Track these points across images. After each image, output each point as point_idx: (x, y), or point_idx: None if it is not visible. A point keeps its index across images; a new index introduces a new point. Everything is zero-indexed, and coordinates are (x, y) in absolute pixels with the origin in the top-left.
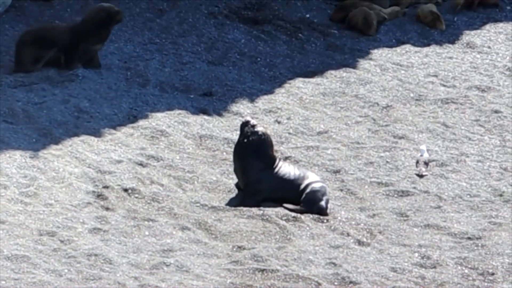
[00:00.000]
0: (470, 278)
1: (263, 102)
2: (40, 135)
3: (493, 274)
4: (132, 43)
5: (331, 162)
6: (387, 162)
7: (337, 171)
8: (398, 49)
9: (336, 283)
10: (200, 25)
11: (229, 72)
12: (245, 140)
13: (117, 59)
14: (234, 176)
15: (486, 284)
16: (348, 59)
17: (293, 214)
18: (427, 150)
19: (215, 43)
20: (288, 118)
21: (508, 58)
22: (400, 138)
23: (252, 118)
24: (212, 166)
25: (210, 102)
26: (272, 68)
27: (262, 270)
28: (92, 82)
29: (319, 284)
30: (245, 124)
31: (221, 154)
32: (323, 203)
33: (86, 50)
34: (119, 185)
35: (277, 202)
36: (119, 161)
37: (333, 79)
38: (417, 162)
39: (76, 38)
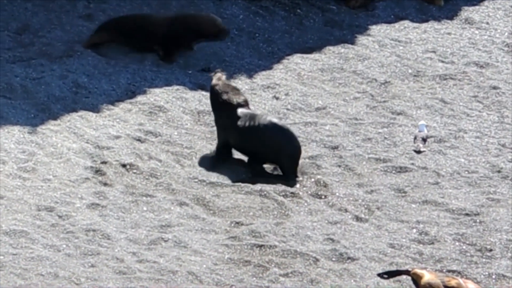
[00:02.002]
0: (468, 254)
1: (261, 78)
2: (38, 111)
3: (491, 250)
4: None
5: (329, 138)
6: (385, 138)
7: (335, 147)
8: (397, 25)
9: (334, 259)
10: (198, 0)
11: (227, 48)
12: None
13: None
14: (234, 152)
15: (484, 260)
16: (346, 35)
17: (291, 190)
18: (426, 126)
19: None
20: (286, 94)
21: (506, 34)
22: (398, 114)
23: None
24: (210, 142)
25: (208, 77)
26: (270, 44)
27: (260, 246)
28: (90, 57)
29: (317, 260)
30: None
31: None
32: None
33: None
34: (117, 160)
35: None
36: (117, 137)
37: (331, 55)
38: (415, 138)
39: (175, 32)
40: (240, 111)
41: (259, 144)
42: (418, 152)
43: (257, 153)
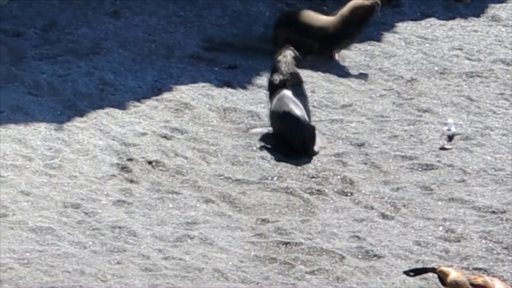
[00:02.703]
0: (495, 252)
1: None
2: (64, 108)
3: None
4: (157, 16)
5: (355, 135)
6: (411, 135)
7: (361, 145)
8: (423, 22)
9: (360, 256)
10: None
11: (251, 45)
12: None
13: (141, 31)
14: (258, 149)
15: (510, 258)
16: (372, 32)
17: (317, 187)
18: (454, 124)
19: (239, 16)
20: (313, 91)
21: None
22: (425, 111)
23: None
24: (236, 139)
25: (234, 75)
26: None
27: (286, 243)
28: (116, 54)
29: (343, 257)
30: None
31: (245, 127)
32: None
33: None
34: (143, 157)
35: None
36: (143, 134)
37: (357, 52)
38: (442, 135)
39: (338, 34)
40: (283, 91)
41: (276, 127)
42: (445, 149)
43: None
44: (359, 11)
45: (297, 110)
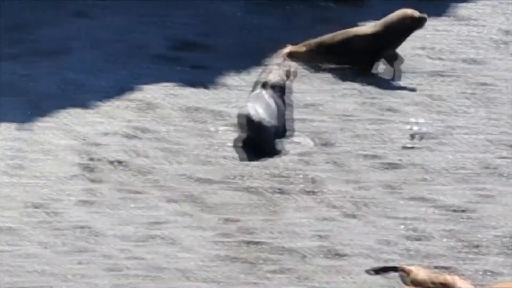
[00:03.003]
0: (456, 250)
1: (250, 75)
2: (27, 107)
3: (478, 246)
4: (124, 16)
5: (318, 134)
6: (374, 134)
7: (324, 144)
8: None
9: (322, 255)
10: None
11: (218, 45)
12: None
13: (106, 31)
14: (222, 148)
15: (472, 256)
16: (335, 31)
17: (280, 186)
18: (416, 123)
19: (205, 16)
20: None
21: (494, 30)
22: (387, 110)
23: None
24: (199, 139)
25: (197, 74)
26: (260, 40)
27: (249, 242)
28: (79, 54)
29: (306, 256)
30: None
31: (209, 126)
32: None
33: (386, 56)
34: (106, 157)
35: None
36: (107, 133)
37: None
38: (405, 134)
39: (379, 44)
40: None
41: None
42: (408, 148)
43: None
44: (407, 21)
45: (261, 110)
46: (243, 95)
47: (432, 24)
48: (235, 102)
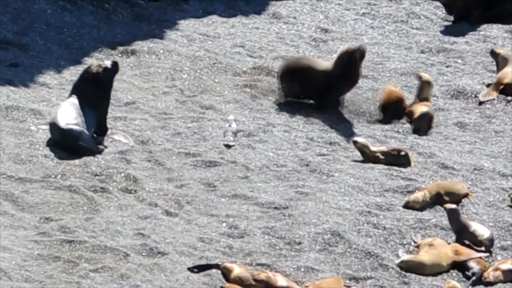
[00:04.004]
0: (277, 247)
1: (70, 73)
2: None
3: (300, 243)
4: None
5: (138, 132)
6: (194, 132)
7: (144, 142)
8: (205, 19)
9: (144, 254)
10: None
11: (36, 43)
12: None
13: None
14: (42, 147)
15: (293, 253)
16: (155, 29)
17: (101, 185)
18: (235, 121)
19: (20, 14)
20: None
21: (313, 28)
22: (208, 108)
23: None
24: (19, 138)
25: (16, 73)
26: (79, 39)
27: (70, 242)
28: None
29: (127, 254)
30: None
31: (29, 125)
32: None
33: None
34: None
35: None
36: None
37: (140, 49)
38: (225, 132)
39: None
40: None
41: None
42: (228, 146)
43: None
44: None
45: (69, 117)
46: (63, 93)
47: (251, 22)
48: (55, 100)
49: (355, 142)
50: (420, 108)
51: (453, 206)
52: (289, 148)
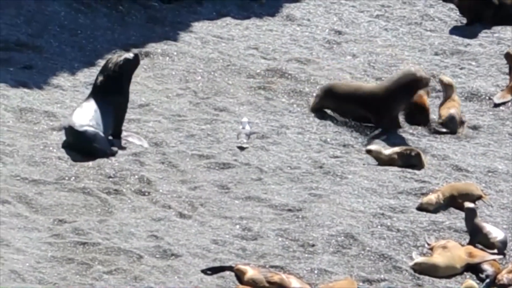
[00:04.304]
0: (291, 250)
1: (84, 75)
2: None
3: (313, 245)
4: None
5: (152, 134)
6: (208, 134)
7: (158, 144)
8: (219, 21)
9: (157, 256)
10: None
11: (50, 45)
12: None
13: None
14: (56, 149)
15: (306, 255)
16: (168, 32)
17: (115, 187)
18: (249, 123)
19: (34, 16)
20: None
21: (327, 30)
22: (221, 110)
23: None
24: (33, 140)
25: (30, 75)
26: (93, 41)
27: (83, 244)
28: None
29: (141, 256)
30: None
31: (42, 127)
32: None
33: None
34: None
35: None
36: None
37: (155, 52)
38: (239, 134)
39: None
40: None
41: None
42: (242, 148)
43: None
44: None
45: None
46: (77, 95)
47: (265, 24)
48: (69, 103)
49: (369, 151)
50: (447, 110)
51: (472, 205)
52: (303, 150)
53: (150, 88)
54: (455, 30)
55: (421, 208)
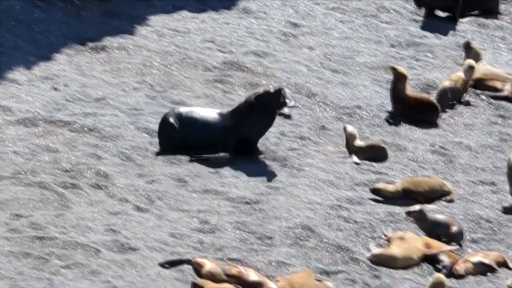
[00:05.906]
0: (249, 242)
1: (40, 69)
2: None
3: (271, 237)
4: None
5: (109, 128)
6: None
7: (115, 138)
8: (175, 15)
9: (115, 250)
10: None
11: (5, 40)
12: None
13: None
14: (11, 143)
15: (264, 247)
16: (125, 25)
17: (71, 181)
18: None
19: None
20: (65, 85)
21: (283, 23)
22: (178, 104)
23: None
24: None
25: None
26: (48, 35)
27: (41, 238)
28: None
29: (98, 250)
30: None
31: None
32: None
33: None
34: None
35: None
36: None
37: (110, 45)
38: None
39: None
40: None
41: None
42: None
43: None
44: None
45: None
46: (33, 90)
47: (221, 17)
48: (25, 97)
49: (345, 129)
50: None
51: (417, 207)
52: (260, 142)
53: (106, 81)
54: (411, 22)
55: (375, 191)
